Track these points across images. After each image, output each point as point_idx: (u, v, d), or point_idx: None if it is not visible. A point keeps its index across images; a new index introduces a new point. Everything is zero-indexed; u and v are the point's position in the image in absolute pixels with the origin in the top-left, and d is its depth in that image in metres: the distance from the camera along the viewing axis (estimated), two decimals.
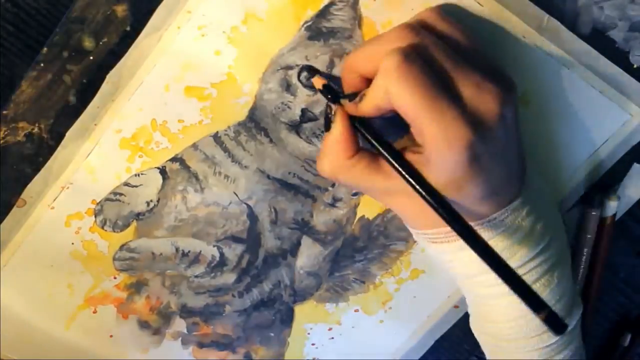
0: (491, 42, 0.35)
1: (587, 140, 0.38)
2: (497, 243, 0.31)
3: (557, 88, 0.36)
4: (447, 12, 0.31)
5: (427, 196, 0.28)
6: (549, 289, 0.33)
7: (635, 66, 0.36)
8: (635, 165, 0.39)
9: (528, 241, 0.32)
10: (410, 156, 0.30)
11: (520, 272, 0.31)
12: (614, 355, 0.44)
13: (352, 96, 0.32)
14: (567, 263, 0.35)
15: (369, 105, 0.30)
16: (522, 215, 0.32)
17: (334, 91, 0.33)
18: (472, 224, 0.31)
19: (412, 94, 0.27)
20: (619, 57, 0.36)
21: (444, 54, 0.29)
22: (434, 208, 0.28)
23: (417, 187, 0.29)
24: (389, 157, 0.30)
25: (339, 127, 0.31)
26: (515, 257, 0.32)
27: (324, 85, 0.33)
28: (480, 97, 0.29)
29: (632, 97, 0.37)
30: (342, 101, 0.32)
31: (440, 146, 0.28)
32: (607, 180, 0.39)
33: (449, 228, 0.29)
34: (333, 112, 0.32)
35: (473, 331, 0.38)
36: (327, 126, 0.32)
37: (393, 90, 0.27)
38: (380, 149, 0.30)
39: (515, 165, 0.32)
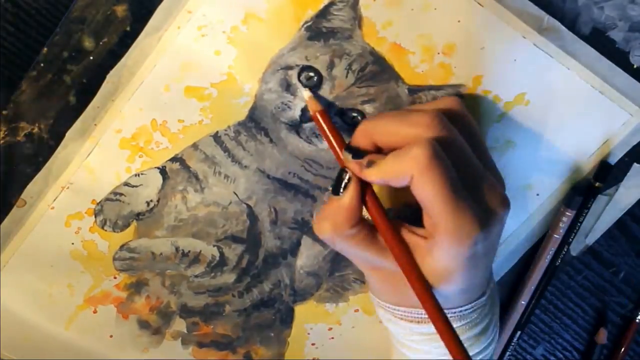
0: (491, 42, 0.35)
1: (587, 140, 0.38)
2: (461, 333, 0.33)
3: (557, 88, 0.36)
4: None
5: (416, 283, 0.31)
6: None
7: (635, 66, 0.36)
8: (635, 165, 0.39)
9: (483, 335, 0.35)
10: (411, 237, 0.31)
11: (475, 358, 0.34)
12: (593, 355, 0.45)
13: (358, 154, 0.31)
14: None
15: (379, 176, 0.30)
16: (485, 311, 0.34)
17: (355, 151, 0.32)
18: (456, 309, 0.33)
19: (437, 189, 0.28)
20: (619, 57, 0.36)
21: (465, 152, 0.30)
22: (419, 295, 0.30)
23: (410, 274, 0.31)
24: (391, 241, 0.31)
25: (350, 196, 0.31)
26: (472, 347, 0.34)
27: (347, 146, 0.33)
28: (491, 198, 0.31)
29: (632, 97, 0.37)
30: (345, 154, 0.32)
31: (451, 239, 0.29)
32: (590, 181, 0.39)
33: (421, 310, 0.32)
34: (347, 179, 0.32)
35: None
36: (337, 189, 0.32)
37: (419, 180, 0.28)
38: (385, 231, 0.31)
39: (491, 262, 0.34)
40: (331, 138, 0.33)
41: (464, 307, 0.33)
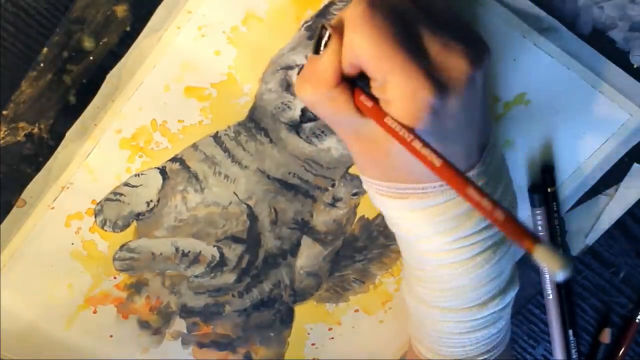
0: (491, 42, 0.35)
1: (587, 140, 0.38)
2: (447, 210, 0.31)
3: (557, 88, 0.36)
4: None
5: (417, 139, 0.26)
6: (489, 264, 0.32)
7: (635, 66, 0.36)
8: (635, 165, 0.39)
9: (476, 213, 0.30)
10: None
11: (464, 242, 0.31)
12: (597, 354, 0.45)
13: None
14: (509, 242, 0.34)
15: (337, 63, 0.28)
16: (486, 179, 0.31)
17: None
18: (426, 185, 0.30)
19: (374, 44, 0.26)
20: (619, 57, 0.36)
21: (412, 6, 0.28)
22: (417, 148, 0.26)
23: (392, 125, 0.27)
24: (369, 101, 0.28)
25: (331, 53, 0.28)
26: (463, 226, 0.31)
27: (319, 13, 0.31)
28: (448, 57, 0.27)
29: (632, 97, 0.37)
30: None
31: (403, 99, 0.26)
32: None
33: (404, 185, 0.29)
34: (327, 37, 0.29)
35: (404, 295, 0.37)
36: (317, 49, 0.29)
37: (356, 40, 0.26)
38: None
39: (477, 134, 0.31)
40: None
41: (435, 183, 0.30)
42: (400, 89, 0.26)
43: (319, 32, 0.29)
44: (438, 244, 0.32)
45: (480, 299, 0.33)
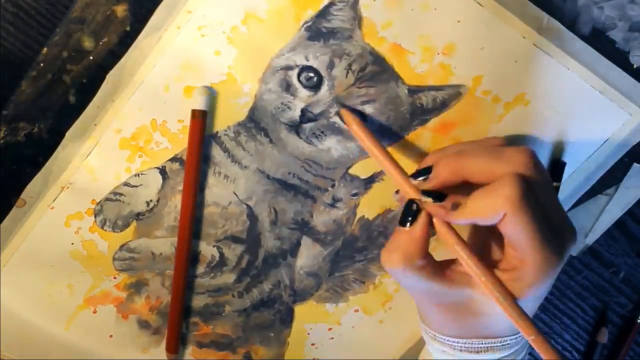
0: (491, 42, 0.35)
1: (587, 140, 0.38)
2: (517, 354, 0.34)
3: (557, 88, 0.36)
4: None
5: (502, 294, 0.31)
6: None
7: (635, 66, 0.36)
8: (635, 165, 0.39)
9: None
10: (500, 274, 0.32)
11: None
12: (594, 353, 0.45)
13: (437, 197, 0.31)
14: None
15: (469, 217, 0.30)
16: (523, 343, 0.35)
17: (434, 194, 0.32)
18: (506, 337, 0.34)
19: (528, 227, 0.29)
20: (619, 57, 0.36)
21: (549, 192, 0.31)
22: (505, 306, 0.31)
23: (492, 286, 0.31)
24: (468, 259, 0.31)
25: (422, 227, 0.31)
26: None
27: (424, 192, 0.32)
28: (564, 231, 0.31)
29: (632, 97, 0.37)
30: (422, 197, 0.32)
31: (536, 273, 0.30)
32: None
33: (482, 340, 0.33)
34: (418, 209, 0.32)
35: None
36: (405, 221, 0.32)
37: (512, 219, 0.29)
38: (461, 250, 0.31)
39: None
40: (396, 173, 0.33)
41: (515, 335, 0.34)
42: (542, 268, 0.30)
43: (407, 205, 0.32)
44: None
45: None
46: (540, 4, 0.34)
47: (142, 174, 0.39)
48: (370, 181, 0.39)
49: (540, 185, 0.30)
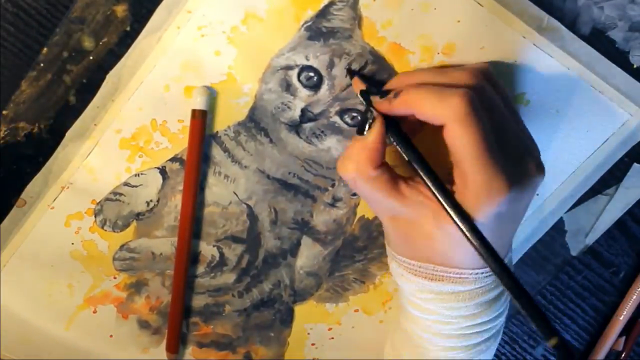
0: (491, 42, 0.35)
1: (587, 140, 0.38)
2: (475, 296, 0.33)
3: (557, 88, 0.36)
4: None
5: (458, 218, 0.29)
6: (490, 350, 0.35)
7: (635, 66, 0.36)
8: (635, 165, 0.39)
9: (495, 303, 0.34)
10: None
11: (480, 327, 0.34)
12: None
13: (382, 93, 0.31)
14: (501, 333, 0.37)
15: (408, 105, 0.30)
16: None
17: (371, 94, 0.32)
18: (460, 271, 0.32)
19: (470, 142, 0.28)
20: (619, 57, 0.36)
21: (502, 111, 0.30)
22: (461, 228, 0.29)
23: (448, 206, 0.30)
24: (426, 178, 0.30)
25: (375, 134, 0.31)
26: (484, 313, 0.33)
27: (362, 91, 0.33)
28: (526, 160, 0.30)
29: (632, 97, 0.37)
30: (373, 97, 0.32)
31: (479, 193, 0.29)
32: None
33: (438, 266, 0.32)
34: (372, 117, 0.31)
35: (387, 356, 0.39)
36: (361, 129, 0.32)
37: (454, 129, 0.28)
38: (418, 168, 0.31)
39: (514, 232, 0.34)
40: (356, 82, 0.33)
41: (481, 269, 0.32)
42: (484, 185, 0.28)
43: (363, 113, 0.32)
44: (455, 327, 0.33)
45: None
46: (540, 4, 0.34)
47: (142, 174, 0.39)
48: None
49: (494, 103, 0.29)
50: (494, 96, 0.30)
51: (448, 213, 0.30)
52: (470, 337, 0.34)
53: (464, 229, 0.29)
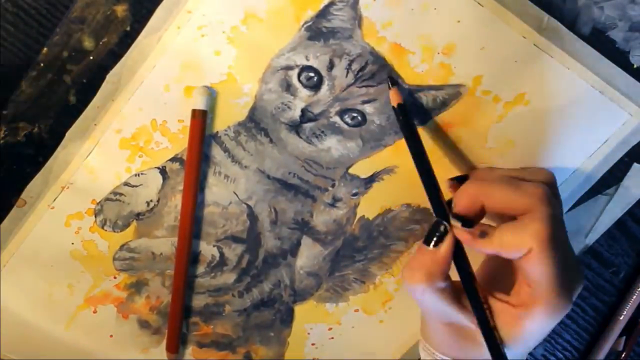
0: (491, 42, 0.35)
1: (587, 140, 0.38)
2: None
3: (557, 88, 0.36)
4: None
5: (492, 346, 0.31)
6: None
7: (635, 66, 0.36)
8: (635, 165, 0.39)
9: None
10: (498, 304, 0.32)
11: None
12: None
13: (468, 223, 0.32)
14: None
15: (495, 248, 0.30)
16: None
17: (463, 219, 0.32)
18: None
19: (551, 267, 0.29)
20: (619, 57, 0.36)
21: (564, 230, 0.32)
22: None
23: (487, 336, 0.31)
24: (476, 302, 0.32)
25: (447, 249, 0.32)
26: None
27: (454, 215, 0.33)
28: (576, 275, 0.32)
29: (632, 97, 0.37)
30: (453, 222, 0.32)
31: (548, 314, 0.30)
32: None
33: None
34: (445, 230, 0.32)
35: None
36: (429, 240, 0.32)
37: (538, 256, 0.29)
38: (471, 292, 0.32)
39: None
40: (436, 196, 0.33)
41: None
42: (555, 303, 0.30)
43: (434, 225, 0.32)
44: None
45: None
46: (540, 4, 0.34)
47: (142, 173, 0.39)
48: (370, 181, 0.39)
49: (561, 222, 0.31)
50: (560, 211, 0.32)
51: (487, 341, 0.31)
52: None
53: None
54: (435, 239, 0.32)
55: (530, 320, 0.30)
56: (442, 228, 0.32)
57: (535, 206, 0.30)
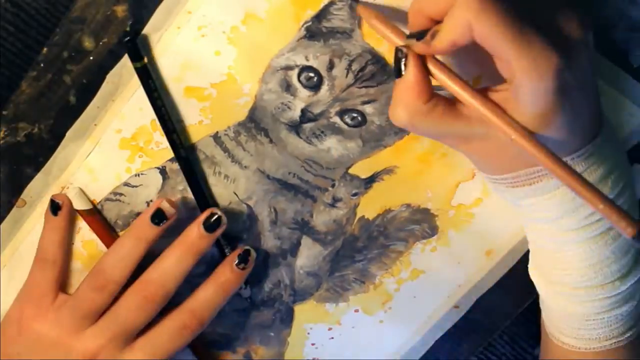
0: None
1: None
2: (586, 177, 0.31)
3: None
4: None
5: (516, 132, 0.28)
6: (622, 236, 0.31)
7: (635, 66, 0.36)
8: (635, 165, 0.39)
9: (609, 177, 0.32)
10: (493, 94, 0.29)
11: (598, 216, 0.32)
12: None
13: (420, 35, 0.30)
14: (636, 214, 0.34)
15: (445, 41, 0.28)
16: (606, 153, 0.31)
17: (417, 34, 0.30)
18: (568, 156, 0.30)
19: (498, 27, 0.26)
20: (619, 57, 0.36)
21: None
22: (523, 144, 0.28)
23: (504, 124, 0.28)
24: (471, 98, 0.29)
25: (412, 70, 0.29)
26: (608, 186, 0.32)
27: (410, 35, 0.31)
28: (565, 22, 0.28)
29: (632, 97, 0.37)
30: (409, 41, 0.30)
31: (531, 77, 0.27)
32: None
33: (529, 169, 0.31)
34: (404, 56, 0.30)
35: (533, 277, 0.38)
36: (398, 72, 0.30)
37: (478, 25, 0.26)
38: (460, 90, 0.29)
39: (596, 97, 0.31)
40: (386, 31, 0.31)
41: (578, 152, 0.30)
42: (531, 65, 0.27)
43: (395, 55, 0.30)
44: (575, 221, 0.32)
45: (621, 271, 0.33)
46: None
47: (142, 174, 0.39)
48: (370, 181, 0.39)
49: None
50: None
51: (502, 129, 0.28)
52: (593, 227, 0.32)
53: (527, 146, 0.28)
54: (399, 67, 0.30)
55: (521, 92, 0.27)
56: (400, 54, 0.30)
57: None
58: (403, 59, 0.30)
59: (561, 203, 0.32)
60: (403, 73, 0.30)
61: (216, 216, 0.37)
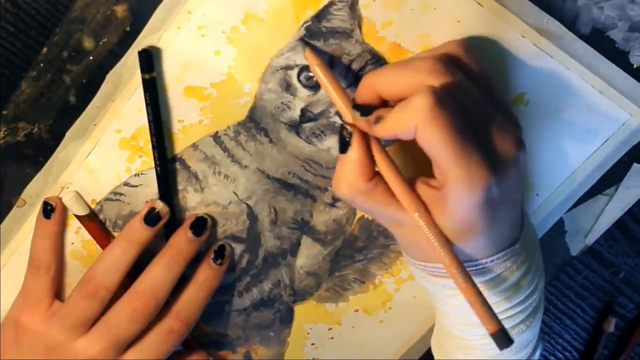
0: (491, 42, 0.35)
1: (587, 140, 0.38)
2: (500, 282, 0.32)
3: (557, 88, 0.36)
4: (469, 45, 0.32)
5: (433, 238, 0.30)
6: (529, 329, 0.35)
7: (635, 66, 0.36)
8: (635, 165, 0.39)
9: (523, 280, 0.33)
10: (426, 190, 0.30)
11: (512, 311, 0.33)
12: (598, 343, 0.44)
13: (365, 111, 0.31)
14: (542, 306, 0.36)
15: (388, 132, 0.29)
16: (521, 258, 0.33)
17: (362, 108, 0.31)
18: (472, 263, 0.32)
19: (442, 137, 0.27)
20: (619, 57, 0.36)
21: (471, 96, 0.29)
22: (436, 252, 0.30)
23: (426, 228, 0.30)
24: (401, 193, 0.30)
25: (356, 149, 0.31)
26: (512, 297, 0.33)
27: (355, 106, 0.32)
28: (500, 140, 0.30)
29: (632, 97, 0.37)
30: (352, 112, 0.31)
31: (461, 188, 0.28)
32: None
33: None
34: (349, 135, 0.31)
35: (434, 349, 0.40)
36: (343, 147, 0.31)
37: (423, 130, 0.27)
38: (394, 181, 0.30)
39: (519, 208, 0.33)
40: (334, 93, 0.32)
41: (493, 257, 0.31)
42: (464, 177, 0.28)
43: (340, 131, 0.31)
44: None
45: None
46: (540, 4, 0.34)
47: (142, 173, 0.39)
48: None
49: (458, 91, 0.29)
50: (462, 81, 0.29)
51: (424, 230, 0.30)
52: (506, 321, 0.33)
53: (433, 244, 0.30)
54: (344, 144, 0.31)
55: (450, 198, 0.29)
56: (345, 132, 0.31)
57: (423, 79, 0.28)
58: (348, 137, 0.31)
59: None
60: (343, 150, 0.31)
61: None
